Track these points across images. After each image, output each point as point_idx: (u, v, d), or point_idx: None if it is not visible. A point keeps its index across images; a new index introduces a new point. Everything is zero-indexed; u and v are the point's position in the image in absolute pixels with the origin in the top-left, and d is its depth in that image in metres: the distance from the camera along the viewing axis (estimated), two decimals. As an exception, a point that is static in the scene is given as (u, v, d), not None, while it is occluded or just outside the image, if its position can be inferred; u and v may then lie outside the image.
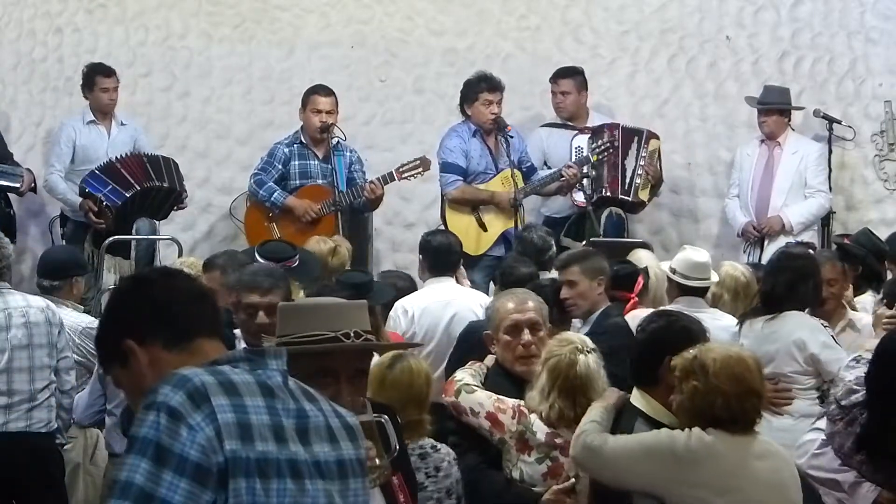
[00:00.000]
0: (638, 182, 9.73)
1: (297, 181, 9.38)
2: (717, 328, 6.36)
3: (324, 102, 9.42)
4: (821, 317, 6.63)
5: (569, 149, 9.68)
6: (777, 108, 9.72)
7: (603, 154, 9.52)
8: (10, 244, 6.83)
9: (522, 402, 5.10)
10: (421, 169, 9.32)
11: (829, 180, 9.73)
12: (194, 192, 10.00)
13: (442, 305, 7.16)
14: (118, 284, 2.95)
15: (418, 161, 9.33)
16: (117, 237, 9.24)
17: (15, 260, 7.48)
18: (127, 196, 9.28)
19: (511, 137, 9.36)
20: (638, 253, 7.45)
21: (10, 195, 9.52)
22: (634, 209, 9.88)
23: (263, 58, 10.62)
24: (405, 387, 4.77)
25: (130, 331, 2.74)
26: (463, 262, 7.92)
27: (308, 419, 2.67)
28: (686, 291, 6.81)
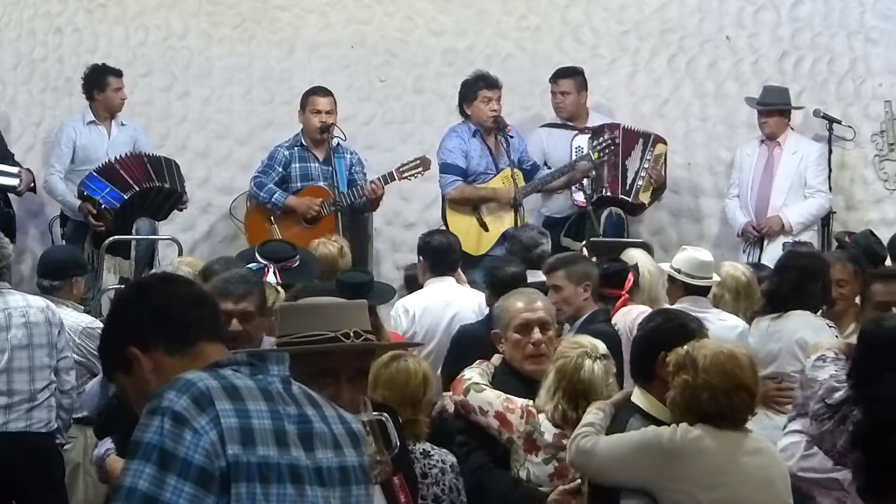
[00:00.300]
0: (640, 184, 9.71)
1: (299, 183, 9.37)
2: (723, 328, 6.38)
3: (322, 103, 9.41)
4: (831, 318, 6.61)
5: (569, 149, 9.66)
6: (778, 109, 9.72)
7: (604, 151, 9.50)
8: (10, 244, 6.83)
9: (531, 402, 5.10)
10: (421, 169, 9.32)
11: (829, 180, 9.71)
12: (194, 193, 9.99)
13: (443, 305, 7.17)
14: (120, 292, 2.96)
15: (418, 161, 9.33)
16: (117, 237, 9.23)
17: (15, 260, 7.48)
18: (125, 198, 9.27)
19: (511, 137, 9.35)
20: (630, 251, 7.44)
21: (10, 195, 9.51)
22: (634, 211, 9.85)
23: (263, 58, 10.62)
24: (399, 386, 4.74)
25: (133, 338, 2.75)
26: (464, 262, 7.92)
27: (311, 425, 2.67)
28: (691, 291, 6.81)
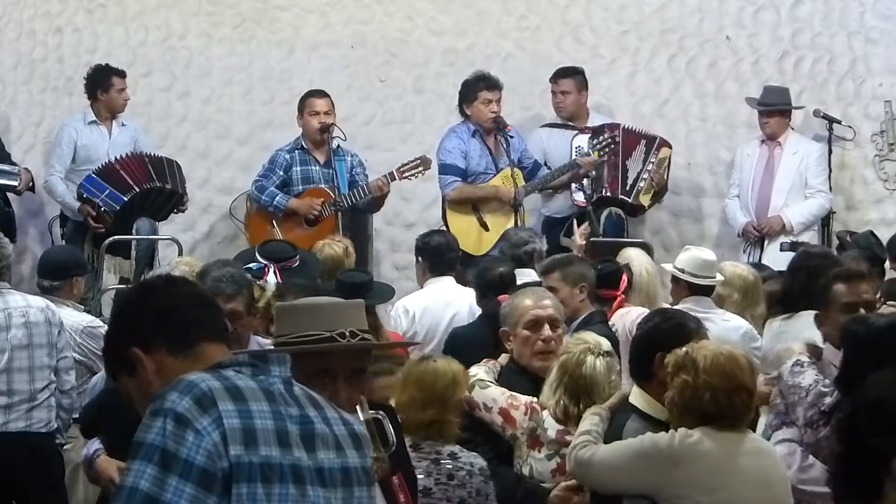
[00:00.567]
0: (641, 186, 9.70)
1: (300, 186, 9.36)
2: (726, 329, 6.39)
3: (320, 104, 9.42)
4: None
5: (569, 149, 9.65)
6: (779, 109, 9.72)
7: (604, 150, 9.50)
8: (10, 244, 6.83)
9: (535, 399, 5.11)
10: (421, 168, 9.31)
11: (829, 180, 9.73)
12: (194, 193, 9.98)
13: (443, 305, 7.17)
14: (123, 294, 2.97)
15: (418, 160, 9.32)
16: (117, 237, 9.23)
17: (15, 260, 7.48)
18: (124, 199, 9.26)
19: (511, 137, 9.35)
20: (627, 251, 7.45)
21: (10, 195, 9.51)
22: (633, 212, 9.83)
23: (263, 58, 10.62)
24: (427, 386, 4.73)
25: (136, 339, 2.76)
26: (465, 262, 7.92)
27: (312, 426, 2.68)
28: (694, 290, 6.81)
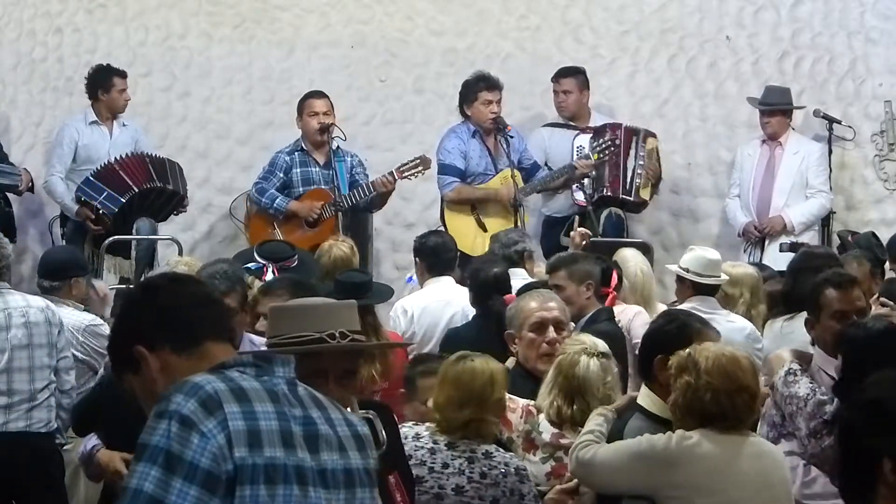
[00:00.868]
0: (638, 182, 9.73)
1: (301, 188, 9.37)
2: (731, 329, 6.39)
3: (319, 104, 9.43)
4: None
5: (570, 149, 9.66)
6: (780, 109, 9.72)
7: (604, 152, 9.50)
8: (10, 244, 6.83)
9: (532, 402, 5.10)
10: (421, 168, 9.30)
11: (830, 180, 9.72)
12: (194, 193, 9.98)
13: (442, 305, 7.17)
14: (128, 292, 2.98)
15: (418, 160, 9.32)
16: (117, 237, 9.23)
17: (15, 260, 7.47)
18: (122, 201, 9.25)
19: (511, 137, 9.35)
20: (623, 251, 7.46)
21: (9, 194, 9.51)
22: (637, 209, 9.88)
23: (263, 58, 10.62)
24: (464, 385, 4.69)
25: (140, 337, 2.77)
26: (463, 263, 7.91)
27: (316, 427, 2.68)
28: (699, 290, 6.82)
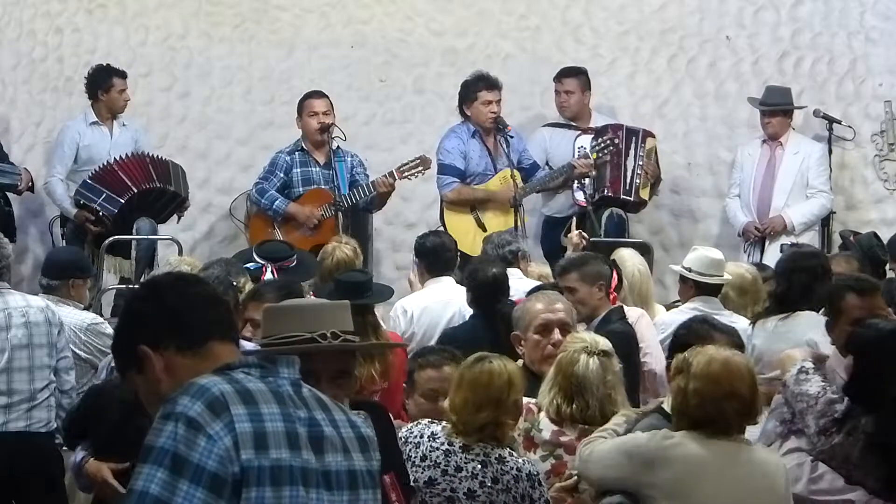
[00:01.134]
0: (638, 182, 9.72)
1: (301, 188, 9.37)
2: None
3: (318, 104, 9.43)
4: None
5: (571, 149, 9.64)
6: (781, 109, 9.72)
7: (603, 151, 9.50)
8: (10, 244, 6.83)
9: (534, 400, 5.07)
10: (421, 168, 9.30)
11: (830, 180, 9.73)
12: (194, 193, 9.97)
13: (442, 305, 7.17)
14: (133, 291, 2.97)
15: (418, 160, 9.31)
16: (117, 237, 9.22)
17: (15, 260, 7.47)
18: (121, 202, 9.25)
19: (511, 137, 9.35)
20: (620, 251, 7.46)
21: (9, 194, 9.51)
22: (636, 209, 9.87)
23: (263, 58, 10.62)
24: (482, 388, 4.63)
25: (144, 336, 2.76)
26: (462, 263, 7.91)
27: (321, 428, 2.69)
28: (702, 289, 6.82)
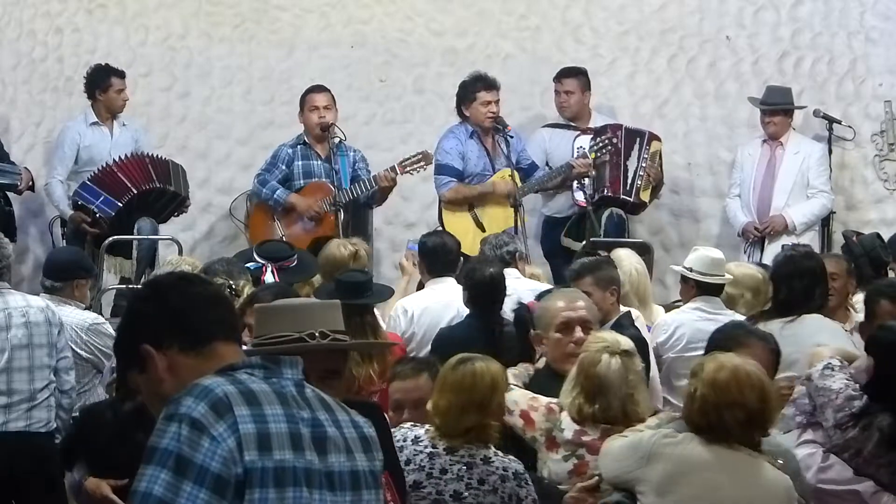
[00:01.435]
0: (639, 183, 9.71)
1: (302, 181, 9.37)
2: None
3: (320, 98, 9.43)
4: (824, 315, 6.60)
5: (571, 149, 9.62)
6: (782, 109, 9.71)
7: (601, 151, 9.49)
8: (10, 244, 6.83)
9: (555, 400, 5.06)
10: (423, 163, 9.28)
11: (830, 180, 9.73)
12: (194, 193, 9.97)
13: (442, 306, 7.15)
14: (136, 290, 2.96)
15: (420, 155, 9.29)
16: (118, 237, 9.22)
17: (15, 260, 7.46)
18: (119, 205, 9.23)
19: (511, 137, 9.34)
20: (617, 252, 7.46)
21: (9, 194, 9.51)
22: (636, 210, 9.85)
23: (263, 58, 10.63)
24: (465, 390, 4.62)
25: (147, 336, 2.76)
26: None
27: (324, 429, 2.69)
28: (703, 289, 6.82)
